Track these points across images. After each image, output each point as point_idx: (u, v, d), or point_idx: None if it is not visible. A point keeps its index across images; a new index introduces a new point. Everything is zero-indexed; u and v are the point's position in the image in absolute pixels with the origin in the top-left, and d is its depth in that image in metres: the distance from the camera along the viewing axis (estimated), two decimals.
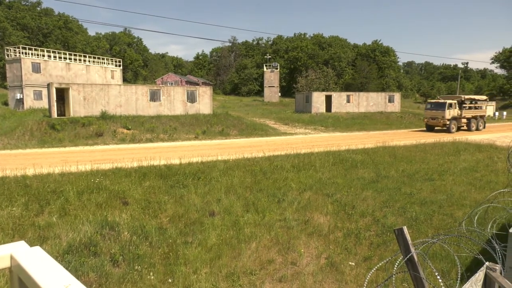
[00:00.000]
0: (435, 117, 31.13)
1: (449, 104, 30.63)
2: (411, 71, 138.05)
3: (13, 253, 1.10)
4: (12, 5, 73.48)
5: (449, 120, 30.63)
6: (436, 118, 31.02)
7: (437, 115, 30.98)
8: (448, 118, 30.50)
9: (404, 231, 2.82)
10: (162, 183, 11.97)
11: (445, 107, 30.30)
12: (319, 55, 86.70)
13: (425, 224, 10.22)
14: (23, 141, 20.60)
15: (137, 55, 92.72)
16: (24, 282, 1.03)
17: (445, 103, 30.53)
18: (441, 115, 30.69)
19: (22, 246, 1.15)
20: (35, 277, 0.97)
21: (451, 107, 30.66)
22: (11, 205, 9.45)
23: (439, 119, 30.78)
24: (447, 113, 30.41)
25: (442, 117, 30.57)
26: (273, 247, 9.14)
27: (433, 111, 31.43)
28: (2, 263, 1.10)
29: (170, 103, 30.16)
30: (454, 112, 30.94)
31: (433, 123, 31.60)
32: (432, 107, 31.80)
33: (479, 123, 33.51)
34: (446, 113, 30.37)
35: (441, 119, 30.62)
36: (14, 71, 36.60)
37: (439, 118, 30.78)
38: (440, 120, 30.79)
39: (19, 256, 1.08)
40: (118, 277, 7.49)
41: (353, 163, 15.74)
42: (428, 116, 31.98)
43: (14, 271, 1.09)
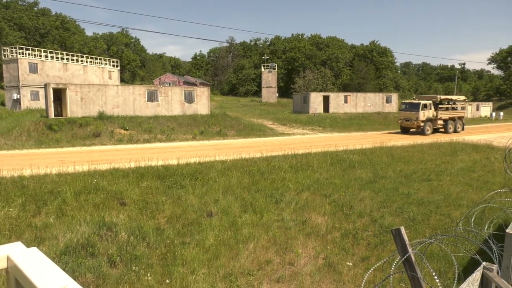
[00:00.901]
0: (409, 118, 29.47)
1: (424, 104, 29.00)
2: (408, 72, 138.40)
3: (10, 254, 1.09)
4: (9, 5, 73.22)
5: (424, 121, 28.97)
6: (410, 120, 29.33)
7: (411, 116, 29.30)
8: (423, 119, 28.85)
9: (401, 231, 2.83)
10: (160, 183, 11.95)
11: (419, 108, 28.67)
12: (316, 56, 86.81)
13: (423, 224, 10.24)
14: (20, 142, 20.52)
15: (134, 56, 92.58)
16: (20, 283, 1.03)
17: (419, 104, 28.93)
18: (415, 117, 29.00)
19: (19, 247, 1.15)
20: (32, 278, 0.96)
21: (425, 108, 29.03)
22: (8, 206, 9.41)
23: (413, 120, 29.07)
24: (421, 114, 28.77)
25: (416, 119, 28.87)
26: (271, 248, 9.14)
27: (407, 112, 29.85)
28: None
29: (167, 103, 30.12)
30: (429, 113, 29.29)
31: (407, 125, 29.98)
32: (406, 108, 30.18)
33: (457, 125, 31.73)
34: (420, 114, 28.72)
35: (415, 120, 28.93)
36: (11, 72, 36.47)
37: (413, 119, 29.08)
38: (414, 122, 29.10)
39: (16, 257, 1.08)
40: (115, 278, 7.47)
41: (351, 164, 15.76)
42: (402, 117, 30.45)
43: (11, 272, 1.08)
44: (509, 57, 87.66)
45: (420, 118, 28.65)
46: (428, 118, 29.12)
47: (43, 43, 69.65)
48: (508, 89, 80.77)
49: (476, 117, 56.97)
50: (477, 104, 61.45)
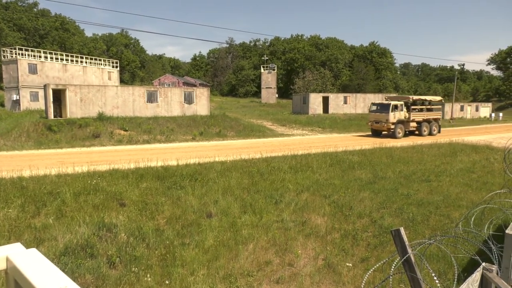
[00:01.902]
0: (379, 120, 27.42)
1: (394, 105, 27.01)
2: (408, 73, 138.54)
3: (9, 255, 1.09)
4: (8, 6, 73.21)
5: (394, 123, 27.00)
6: (380, 122, 27.34)
7: (381, 118, 27.28)
8: (393, 121, 26.85)
9: (401, 232, 2.83)
10: (159, 184, 11.95)
11: (389, 109, 26.68)
12: (316, 57, 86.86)
13: (422, 225, 10.24)
14: (19, 142, 20.51)
15: (134, 56, 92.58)
16: (20, 284, 1.03)
17: (389, 105, 26.94)
18: (385, 118, 26.94)
19: (18, 248, 1.15)
20: (31, 280, 0.96)
21: (396, 109, 27.05)
22: (7, 207, 9.40)
23: (383, 122, 27.08)
24: (392, 116, 26.70)
25: (386, 121, 26.84)
26: (270, 249, 9.13)
27: (377, 114, 27.81)
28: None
29: (167, 104, 30.12)
30: (400, 114, 27.29)
31: (377, 127, 27.93)
32: (376, 109, 28.10)
33: (432, 127, 29.64)
34: (391, 116, 26.66)
35: (385, 122, 26.92)
36: (10, 72, 36.46)
37: (383, 121, 27.08)
38: (384, 124, 27.07)
39: (15, 258, 1.08)
40: (115, 279, 7.47)
41: (350, 164, 15.76)
42: (372, 119, 28.29)
43: (10, 273, 1.08)
44: (508, 58, 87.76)
45: (390, 120, 26.75)
46: (399, 120, 27.28)
47: (43, 44, 69.65)
48: (508, 90, 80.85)
49: (476, 118, 57.05)
50: (477, 105, 61.53)
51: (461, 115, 55.96)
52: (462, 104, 58.73)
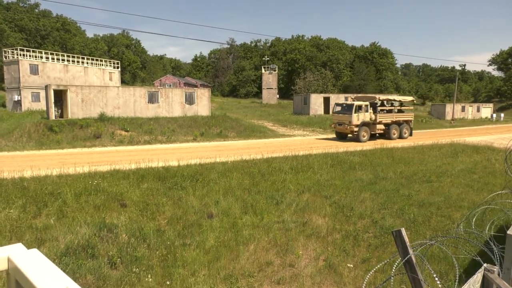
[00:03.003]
0: (342, 122, 25.42)
1: (357, 106, 24.96)
2: (409, 73, 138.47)
3: (11, 255, 1.10)
4: (10, 6, 73.34)
5: (358, 126, 24.95)
6: (343, 124, 25.31)
7: (344, 119, 25.23)
8: (356, 123, 24.81)
9: (402, 233, 2.83)
10: (160, 185, 11.95)
11: (352, 111, 24.69)
12: (317, 57, 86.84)
13: (423, 226, 10.22)
14: (20, 143, 20.54)
15: (135, 57, 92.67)
16: (21, 285, 1.03)
17: (352, 106, 25.00)
18: (347, 120, 24.92)
19: (19, 248, 1.15)
20: (32, 280, 0.96)
21: (360, 110, 24.99)
22: (8, 207, 9.41)
23: (346, 124, 25.07)
24: (355, 118, 24.66)
25: (349, 122, 24.84)
26: (271, 249, 9.13)
27: (340, 115, 25.71)
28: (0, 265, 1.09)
29: (168, 105, 30.15)
30: (365, 116, 25.19)
31: (340, 130, 26.02)
32: (340, 110, 25.99)
33: (403, 130, 27.45)
34: (354, 118, 24.61)
35: (348, 124, 24.90)
36: (12, 73, 36.53)
37: (346, 123, 25.08)
38: (347, 126, 25.05)
39: (16, 258, 1.08)
40: (116, 279, 7.47)
41: (351, 165, 15.76)
42: (336, 120, 26.21)
43: (12, 274, 1.08)
44: (509, 58, 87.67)
45: (354, 122, 24.70)
46: (363, 122, 25.22)
47: (44, 45, 69.77)
48: (509, 91, 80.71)
49: (477, 119, 56.98)
50: (478, 105, 61.46)
51: (462, 115, 55.90)
52: (463, 104, 58.67)
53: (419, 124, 41.94)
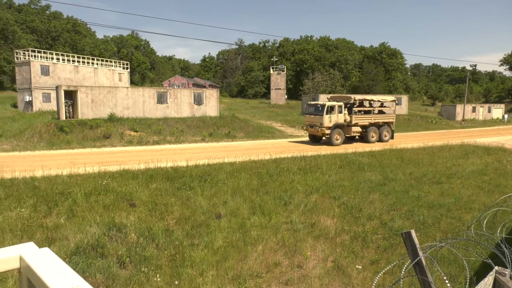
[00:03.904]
0: (313, 124, 23.35)
1: (330, 107, 22.78)
2: (418, 74, 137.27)
3: (22, 254, 1.11)
4: (21, 8, 74.39)
5: (330, 128, 22.84)
6: (314, 126, 23.25)
7: (315, 121, 23.17)
8: (328, 125, 22.71)
9: (412, 234, 2.80)
10: (169, 185, 12.01)
11: (324, 112, 22.56)
12: (325, 58, 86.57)
13: (433, 228, 10.13)
14: (32, 143, 20.80)
15: (144, 58, 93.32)
16: (33, 283, 1.04)
17: (324, 106, 22.81)
18: (319, 122, 22.88)
19: (31, 247, 1.16)
20: (44, 278, 0.98)
21: (332, 111, 22.81)
22: (19, 206, 9.54)
23: (317, 126, 22.99)
24: (327, 120, 22.55)
25: (320, 124, 22.77)
26: (279, 250, 9.12)
27: (311, 116, 23.63)
28: (12, 264, 1.11)
29: (177, 105, 30.29)
30: (338, 117, 23.09)
31: (312, 132, 23.93)
32: (311, 111, 23.84)
33: (383, 132, 25.19)
34: (325, 119, 22.51)
35: (319, 126, 22.83)
36: (23, 74, 37.02)
37: (317, 125, 23.01)
38: (318, 129, 22.96)
39: (28, 257, 1.09)
40: (124, 278, 7.52)
41: (360, 166, 15.67)
42: (307, 122, 24.08)
43: (23, 272, 1.10)
44: None
45: (325, 124, 22.61)
46: (336, 124, 23.14)
47: (55, 46, 70.60)
48: None
49: (488, 119, 56.26)
50: (489, 106, 60.67)
51: (473, 116, 55.25)
52: (474, 105, 57.97)
53: (429, 125, 41.57)
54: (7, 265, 1.10)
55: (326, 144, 23.37)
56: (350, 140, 24.98)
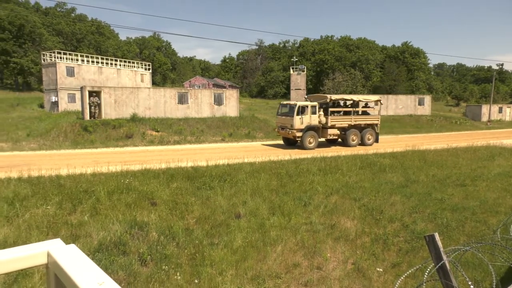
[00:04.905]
0: (284, 126, 21.38)
1: (301, 107, 20.69)
2: (442, 73, 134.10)
3: (50, 250, 1.14)
4: (48, 11, 76.60)
5: (302, 130, 20.78)
6: (285, 128, 21.28)
7: (286, 123, 21.21)
8: (299, 127, 20.65)
9: (435, 238, 2.74)
10: (189, 184, 12.13)
11: (294, 112, 20.53)
12: (346, 58, 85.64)
13: (457, 231, 9.88)
14: (57, 142, 21.38)
15: (165, 59, 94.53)
16: (60, 278, 1.07)
17: (295, 107, 20.82)
18: (289, 124, 20.87)
19: (58, 243, 1.19)
20: (70, 274, 1.00)
21: (304, 112, 20.68)
22: (46, 204, 9.82)
23: (288, 129, 21.04)
24: (297, 121, 20.46)
25: (290, 126, 20.78)
26: (298, 251, 9.08)
27: (283, 118, 21.63)
28: (40, 259, 1.14)
29: (197, 105, 30.57)
30: (312, 119, 20.92)
31: (283, 135, 21.99)
32: (284, 111, 21.90)
33: (366, 135, 22.98)
34: (296, 121, 20.42)
35: (290, 128, 20.86)
36: (49, 75, 38.08)
37: (288, 127, 21.04)
38: (288, 131, 20.98)
39: (55, 253, 1.12)
40: (146, 276, 7.64)
41: (381, 167, 15.43)
42: (279, 124, 22.14)
43: (51, 268, 1.13)
44: None
45: (296, 126, 20.53)
46: (309, 126, 21.00)
47: (80, 48, 72.35)
48: None
49: None
50: None
51: (499, 117, 53.55)
52: (500, 105, 56.16)
53: (453, 126, 40.56)
54: (35, 261, 1.14)
55: (299, 147, 21.22)
56: (330, 144, 23.25)
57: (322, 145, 22.16)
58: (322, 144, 22.57)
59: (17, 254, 1.11)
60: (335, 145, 22.89)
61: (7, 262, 1.09)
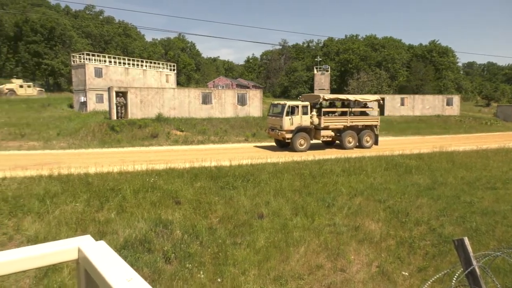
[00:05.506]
0: (274, 127, 20.49)
1: (291, 107, 19.72)
2: (472, 72, 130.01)
3: (80, 246, 1.17)
4: (77, 14, 79.01)
5: (292, 132, 19.69)
6: (275, 129, 20.36)
7: (276, 123, 20.27)
8: (289, 128, 19.59)
9: (465, 242, 2.66)
10: (213, 184, 12.23)
11: (284, 113, 19.57)
12: (371, 57, 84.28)
13: (487, 236, 9.56)
14: (86, 141, 22.00)
15: (190, 60, 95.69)
16: (90, 273, 1.10)
17: (284, 107, 19.87)
18: (278, 124, 19.93)
19: (88, 240, 1.22)
20: (100, 270, 1.02)
21: (294, 112, 19.68)
22: (74, 201, 10.13)
23: (277, 130, 20.07)
24: (287, 122, 19.43)
25: (280, 127, 19.79)
26: (322, 252, 9.00)
27: (273, 118, 20.75)
28: (71, 255, 1.17)
29: (221, 106, 30.79)
30: (302, 119, 19.85)
31: (273, 136, 21.05)
32: (275, 112, 20.97)
33: (363, 137, 21.60)
34: (285, 122, 19.40)
35: (279, 130, 19.87)
36: (79, 76, 39.21)
37: (277, 128, 20.07)
38: (278, 132, 20.00)
39: (85, 249, 1.15)
40: (170, 274, 7.76)
41: (407, 169, 15.10)
42: (269, 125, 21.29)
43: (81, 263, 1.16)
44: None
45: (285, 127, 19.48)
46: (300, 127, 19.92)
47: (107, 49, 74.16)
48: None
49: None
50: None
51: None
52: None
53: (483, 127, 39.23)
54: (66, 256, 1.17)
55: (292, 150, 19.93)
56: (327, 146, 22.05)
57: (319, 147, 21.36)
58: (319, 146, 21.72)
59: (49, 249, 1.14)
60: (331, 147, 21.76)
61: (39, 257, 1.12)
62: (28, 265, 1.10)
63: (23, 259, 1.09)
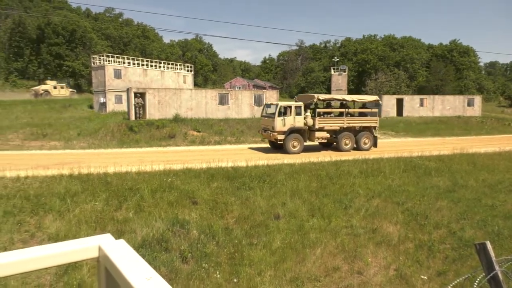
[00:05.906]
0: (267, 127, 19.87)
1: (283, 108, 19.09)
2: (494, 72, 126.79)
3: (101, 244, 1.19)
4: (98, 17, 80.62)
5: (284, 133, 18.93)
6: (267, 130, 19.69)
7: (268, 124, 19.66)
8: (281, 130, 18.82)
9: (487, 246, 2.59)
10: (229, 184, 12.27)
11: (276, 113, 18.87)
12: (390, 57, 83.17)
13: (509, 240, 9.31)
14: (105, 141, 22.38)
15: (207, 61, 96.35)
16: (110, 271, 1.11)
17: (276, 107, 19.24)
18: (270, 125, 19.28)
19: (108, 238, 1.24)
20: (120, 268, 1.04)
21: (286, 113, 19.00)
22: (94, 200, 10.32)
23: (269, 131, 19.39)
24: (279, 123, 18.69)
25: (272, 128, 19.14)
26: (338, 254, 8.92)
27: (265, 119, 20.14)
28: (92, 253, 1.20)
29: (237, 106, 30.88)
30: (295, 120, 19.09)
31: (266, 137, 20.46)
32: (268, 112, 20.34)
33: (361, 139, 20.68)
34: (278, 123, 18.67)
35: (271, 131, 19.17)
36: (98, 77, 39.94)
37: (269, 129, 19.43)
38: (270, 133, 19.28)
39: (106, 247, 1.17)
40: (186, 273, 7.82)
41: (427, 171, 14.83)
42: (262, 125, 20.72)
43: (101, 261, 1.18)
44: None
45: (277, 128, 18.76)
46: (292, 128, 19.15)
47: (126, 51, 75.34)
48: None
49: None
50: None
51: None
52: None
53: (506, 128, 38.21)
54: (87, 254, 1.19)
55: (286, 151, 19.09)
56: (324, 148, 21.26)
57: (316, 149, 20.72)
58: (316, 148, 21.09)
59: (70, 247, 1.17)
60: (327, 149, 20.93)
61: (60, 255, 1.14)
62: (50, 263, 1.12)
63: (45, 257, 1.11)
